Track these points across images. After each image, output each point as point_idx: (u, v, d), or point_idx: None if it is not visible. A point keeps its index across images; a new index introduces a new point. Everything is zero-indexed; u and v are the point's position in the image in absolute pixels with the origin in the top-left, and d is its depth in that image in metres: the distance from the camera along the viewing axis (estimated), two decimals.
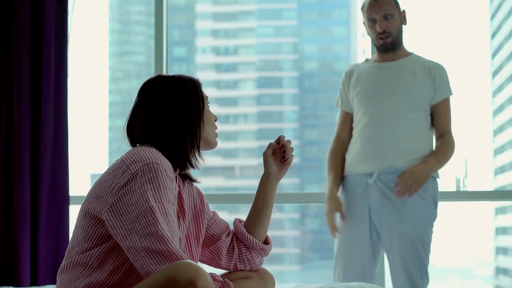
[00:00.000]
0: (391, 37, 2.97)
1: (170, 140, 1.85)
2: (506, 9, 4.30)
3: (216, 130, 1.97)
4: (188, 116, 1.87)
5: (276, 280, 2.11)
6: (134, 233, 1.66)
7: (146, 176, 1.71)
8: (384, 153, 2.93)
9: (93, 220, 1.75)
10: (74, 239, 1.81)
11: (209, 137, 1.93)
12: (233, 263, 2.03)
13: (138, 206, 1.68)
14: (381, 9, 2.96)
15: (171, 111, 1.86)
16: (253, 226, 2.04)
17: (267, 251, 2.05)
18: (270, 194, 2.04)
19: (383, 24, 2.96)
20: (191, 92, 1.90)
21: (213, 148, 1.98)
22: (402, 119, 2.93)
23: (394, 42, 2.99)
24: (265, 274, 2.06)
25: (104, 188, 1.74)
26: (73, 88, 3.64)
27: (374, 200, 2.92)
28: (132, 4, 4.90)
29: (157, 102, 1.87)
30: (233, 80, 4.84)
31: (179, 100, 1.87)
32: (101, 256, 1.74)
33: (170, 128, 1.86)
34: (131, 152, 1.78)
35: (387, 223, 2.89)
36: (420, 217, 2.88)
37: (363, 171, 2.96)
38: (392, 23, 2.97)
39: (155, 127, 1.86)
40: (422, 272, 2.88)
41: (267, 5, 4.93)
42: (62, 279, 1.79)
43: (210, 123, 1.93)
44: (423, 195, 2.88)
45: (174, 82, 1.90)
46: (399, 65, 3.00)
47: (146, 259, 1.64)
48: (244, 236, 2.02)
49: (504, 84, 4.39)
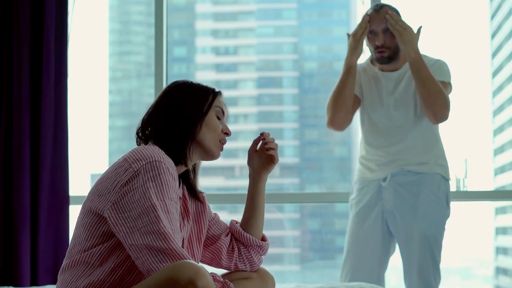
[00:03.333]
0: (388, 52, 2.97)
1: (168, 137, 1.87)
2: (506, 9, 4.30)
3: (222, 143, 1.95)
4: (186, 114, 1.89)
5: (276, 280, 2.11)
6: (136, 231, 1.67)
7: (149, 174, 1.71)
8: (396, 160, 2.97)
9: (95, 217, 1.75)
10: (75, 237, 1.81)
11: (207, 143, 1.91)
12: (233, 262, 2.04)
13: (141, 204, 1.69)
14: (382, 21, 2.94)
15: (173, 107, 1.89)
16: (248, 226, 2.05)
17: (265, 248, 2.05)
18: (258, 192, 2.05)
19: (381, 38, 2.95)
20: (198, 95, 1.92)
21: (213, 158, 1.96)
22: (410, 127, 2.96)
23: (391, 57, 2.98)
24: (266, 275, 2.07)
25: (106, 186, 1.75)
26: (73, 88, 3.64)
27: (388, 200, 2.94)
28: (132, 4, 4.90)
29: (163, 101, 1.91)
30: (233, 80, 4.84)
31: (182, 100, 1.90)
32: (103, 255, 1.74)
33: (170, 124, 1.88)
34: (133, 150, 1.79)
35: (402, 222, 2.92)
36: (433, 216, 2.91)
37: (376, 177, 2.98)
38: (391, 38, 2.95)
39: (157, 124, 1.89)
40: (434, 271, 2.90)
41: (267, 5, 4.93)
42: (63, 278, 1.79)
43: (212, 131, 1.92)
44: (437, 194, 2.91)
45: (185, 86, 1.94)
46: (401, 74, 3.01)
47: (148, 257, 1.65)
48: (240, 234, 2.03)
49: (504, 84, 4.39)
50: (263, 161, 2.04)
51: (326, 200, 3.94)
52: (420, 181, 2.93)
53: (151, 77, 3.79)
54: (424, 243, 2.88)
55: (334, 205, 4.47)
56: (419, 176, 2.94)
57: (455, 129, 2.99)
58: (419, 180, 2.93)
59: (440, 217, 2.94)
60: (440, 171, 2.96)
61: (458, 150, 2.96)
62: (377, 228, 2.97)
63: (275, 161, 2.03)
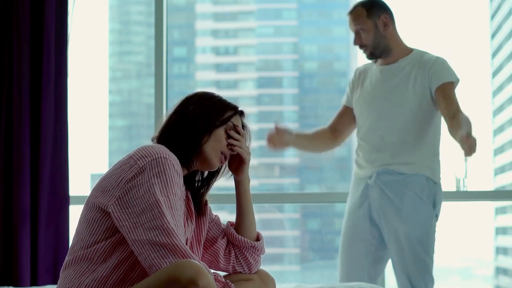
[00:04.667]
0: (368, 49, 2.98)
1: (176, 139, 1.89)
2: (506, 9, 4.30)
3: (224, 155, 1.94)
4: (199, 123, 1.90)
5: (276, 280, 2.11)
6: (140, 226, 1.68)
7: (154, 170, 1.72)
8: (380, 158, 2.94)
9: (98, 213, 1.76)
10: (78, 233, 1.81)
11: (208, 152, 1.91)
12: (231, 265, 2.04)
13: (145, 200, 1.69)
14: (352, 24, 2.98)
15: (189, 114, 1.92)
16: (241, 228, 2.05)
17: (258, 248, 2.05)
18: (243, 194, 2.05)
19: (357, 39, 2.98)
20: (216, 108, 1.94)
21: (211, 168, 1.95)
22: (398, 124, 2.93)
23: (373, 53, 2.98)
24: (266, 277, 2.07)
25: (110, 182, 1.76)
26: (73, 88, 3.64)
27: (374, 199, 2.93)
28: (132, 4, 4.90)
29: (183, 105, 1.95)
30: (233, 80, 4.84)
31: (200, 108, 1.92)
32: (106, 251, 1.75)
33: (181, 128, 1.90)
34: (139, 149, 1.80)
35: (388, 223, 2.90)
36: (418, 218, 2.88)
37: (364, 174, 2.97)
38: (365, 37, 2.96)
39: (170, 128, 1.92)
40: (423, 273, 2.87)
41: (267, 5, 4.93)
42: (66, 274, 1.79)
43: (217, 142, 1.92)
44: (420, 195, 2.88)
45: (208, 97, 1.96)
46: (397, 68, 2.98)
47: (150, 252, 1.65)
48: (233, 237, 2.04)
49: (504, 84, 4.39)
50: (238, 162, 2.03)
51: (326, 200, 3.94)
52: (404, 181, 2.89)
53: (151, 77, 3.79)
54: (407, 245, 2.85)
55: (334, 205, 4.46)
56: (403, 177, 2.90)
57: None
58: (403, 180, 2.90)
59: (426, 219, 2.89)
60: (427, 172, 2.90)
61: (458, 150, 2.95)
62: (365, 227, 2.95)
63: (244, 160, 2.01)
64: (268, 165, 4.62)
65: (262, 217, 4.49)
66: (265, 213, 4.47)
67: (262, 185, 4.65)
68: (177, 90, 4.50)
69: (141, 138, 4.57)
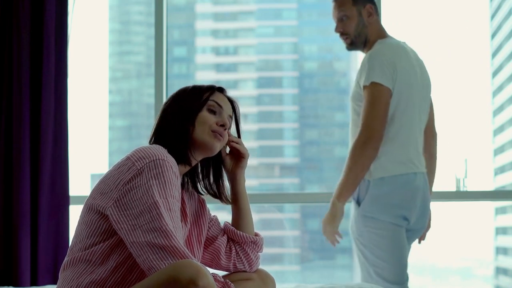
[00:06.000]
0: (350, 37, 2.96)
1: (169, 139, 1.90)
2: (506, 9, 4.30)
3: (217, 133, 1.93)
4: (180, 116, 1.91)
5: (276, 280, 2.11)
6: (138, 228, 1.67)
7: (152, 172, 1.72)
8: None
9: (97, 215, 1.76)
10: (77, 235, 1.81)
11: (200, 137, 1.91)
12: (232, 262, 2.04)
13: (143, 201, 1.69)
14: (336, 10, 2.96)
15: (168, 111, 1.95)
16: (239, 226, 2.06)
17: (259, 243, 2.05)
18: (239, 193, 2.05)
19: (339, 26, 2.96)
20: (191, 96, 1.95)
21: (211, 151, 1.94)
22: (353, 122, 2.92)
23: (354, 42, 2.96)
24: (266, 276, 2.07)
25: (108, 184, 1.76)
26: (73, 88, 3.64)
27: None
28: (132, 4, 4.90)
29: (165, 107, 1.97)
30: (233, 80, 4.84)
31: (178, 102, 1.95)
32: (104, 253, 1.75)
33: (168, 126, 1.92)
34: (137, 150, 1.80)
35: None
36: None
37: None
38: (348, 25, 2.94)
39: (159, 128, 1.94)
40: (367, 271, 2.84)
41: (267, 5, 4.93)
42: (64, 275, 1.79)
43: (204, 124, 1.92)
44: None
45: (183, 90, 1.99)
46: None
47: (149, 254, 1.65)
48: (234, 233, 2.04)
49: (504, 84, 4.39)
50: (235, 160, 2.04)
51: (326, 200, 3.90)
52: None
53: (151, 77, 3.79)
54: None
55: None
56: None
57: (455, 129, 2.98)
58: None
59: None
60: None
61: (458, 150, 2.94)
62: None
63: (244, 155, 2.02)
64: (268, 165, 4.63)
65: (262, 217, 4.50)
66: (265, 213, 4.47)
67: (262, 185, 4.65)
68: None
69: (141, 138, 4.57)
